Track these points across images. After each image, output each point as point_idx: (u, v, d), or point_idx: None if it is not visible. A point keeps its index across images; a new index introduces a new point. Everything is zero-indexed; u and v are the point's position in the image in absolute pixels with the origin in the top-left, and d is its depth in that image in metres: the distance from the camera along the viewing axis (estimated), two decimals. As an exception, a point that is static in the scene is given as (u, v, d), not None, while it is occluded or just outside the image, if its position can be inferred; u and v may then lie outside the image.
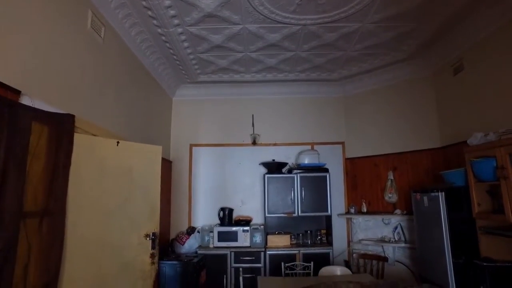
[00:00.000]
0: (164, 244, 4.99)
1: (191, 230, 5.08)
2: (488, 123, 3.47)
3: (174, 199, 5.42)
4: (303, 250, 4.70)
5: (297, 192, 4.92)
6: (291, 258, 4.64)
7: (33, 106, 2.10)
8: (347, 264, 5.03)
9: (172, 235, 5.24)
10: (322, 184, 4.94)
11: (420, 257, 3.82)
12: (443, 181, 3.80)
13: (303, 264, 3.98)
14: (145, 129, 4.43)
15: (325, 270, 3.93)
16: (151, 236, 3.02)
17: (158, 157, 3.20)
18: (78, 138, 2.57)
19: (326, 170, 5.05)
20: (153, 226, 3.07)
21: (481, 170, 3.07)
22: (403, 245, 4.49)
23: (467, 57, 3.90)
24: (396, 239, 4.61)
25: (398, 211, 4.68)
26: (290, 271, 3.94)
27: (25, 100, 2.05)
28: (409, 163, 4.82)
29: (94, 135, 2.85)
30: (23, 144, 2.01)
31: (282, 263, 3.90)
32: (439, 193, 3.35)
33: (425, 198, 3.56)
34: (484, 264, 2.96)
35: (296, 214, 4.88)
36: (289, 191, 4.94)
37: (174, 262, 4.20)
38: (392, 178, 4.88)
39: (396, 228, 4.65)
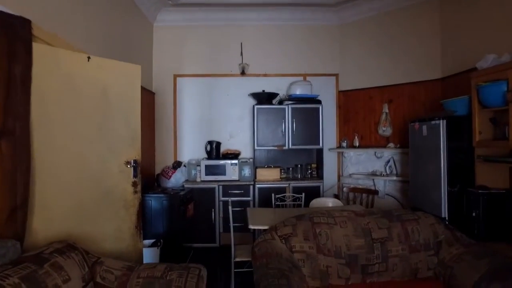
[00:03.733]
0: (150, 179, 4.83)
1: (177, 164, 4.90)
2: (497, 47, 3.18)
3: (158, 132, 5.15)
4: (293, 184, 4.61)
5: (288, 124, 4.70)
6: (281, 191, 4.55)
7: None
8: (336, 197, 5.01)
9: (158, 170, 5.06)
10: (314, 117, 4.72)
11: (412, 189, 3.76)
12: (442, 111, 3.61)
13: (294, 196, 3.89)
14: (124, 57, 3.97)
15: (316, 202, 3.86)
16: (132, 164, 2.79)
17: (137, 77, 2.84)
18: (38, 49, 2.18)
19: (319, 102, 4.79)
20: (134, 152, 2.82)
21: (488, 95, 2.85)
22: (394, 178, 4.43)
23: (482, -28, 3.49)
24: (388, 172, 4.54)
25: (391, 144, 4.55)
26: (280, 203, 3.86)
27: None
28: (405, 95, 4.58)
29: (60, 50, 2.45)
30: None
31: (273, 194, 3.80)
32: (440, 121, 3.17)
33: (424, 128, 3.38)
34: (479, 191, 2.88)
35: (286, 147, 4.71)
36: (279, 123, 4.71)
37: (160, 195, 4.05)
38: (387, 111, 4.67)
39: (388, 161, 4.56)
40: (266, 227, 2.90)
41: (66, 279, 1.76)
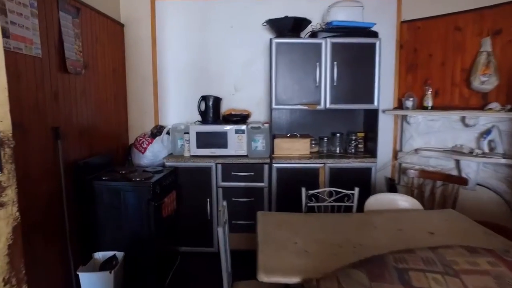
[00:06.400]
0: (120, 153, 3.33)
1: (157, 131, 3.33)
2: None
3: (132, 83, 3.52)
4: (330, 164, 2.98)
5: (326, 70, 2.97)
6: (311, 174, 2.96)
7: None
8: (391, 185, 3.39)
9: (132, 139, 3.51)
10: (366, 58, 2.97)
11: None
12: None
13: (339, 192, 2.25)
14: None
15: (376, 201, 2.25)
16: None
17: None
18: None
19: (375, 35, 3.02)
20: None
21: None
22: (502, 160, 2.70)
23: None
24: (487, 150, 2.82)
25: (495, 105, 2.79)
26: (315, 204, 2.25)
27: None
28: (525, 21, 2.75)
29: None
30: None
31: (303, 191, 2.18)
32: None
33: None
34: None
35: (322, 107, 3.01)
36: (311, 68, 2.97)
37: (116, 183, 2.50)
38: (489, 49, 2.85)
39: (488, 133, 2.82)
40: (295, 281, 1.36)
41: None
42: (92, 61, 2.80)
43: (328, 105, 3.00)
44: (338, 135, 3.28)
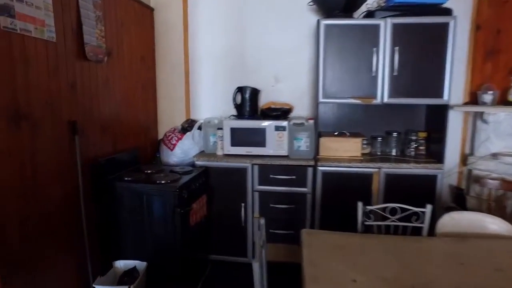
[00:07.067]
0: (148, 150, 3.07)
1: (188, 125, 3.02)
2: None
3: (161, 73, 3.23)
4: (386, 168, 2.50)
5: (385, 57, 2.47)
6: (363, 181, 2.51)
7: None
8: (458, 195, 2.84)
9: (162, 134, 3.23)
10: (435, 42, 2.43)
11: None
12: None
13: (405, 209, 1.78)
14: None
15: (451, 223, 1.76)
16: None
17: None
18: None
19: (447, 12, 2.47)
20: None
21: None
22: None
23: None
24: None
25: None
26: (373, 222, 1.81)
27: None
28: None
29: None
30: None
31: (359, 205, 1.73)
32: None
33: None
34: None
35: (378, 101, 2.52)
36: (367, 54, 2.48)
37: (138, 186, 2.20)
38: None
39: None
40: None
41: None
42: (117, 47, 2.52)
43: (386, 99, 2.51)
44: (394, 134, 2.78)
